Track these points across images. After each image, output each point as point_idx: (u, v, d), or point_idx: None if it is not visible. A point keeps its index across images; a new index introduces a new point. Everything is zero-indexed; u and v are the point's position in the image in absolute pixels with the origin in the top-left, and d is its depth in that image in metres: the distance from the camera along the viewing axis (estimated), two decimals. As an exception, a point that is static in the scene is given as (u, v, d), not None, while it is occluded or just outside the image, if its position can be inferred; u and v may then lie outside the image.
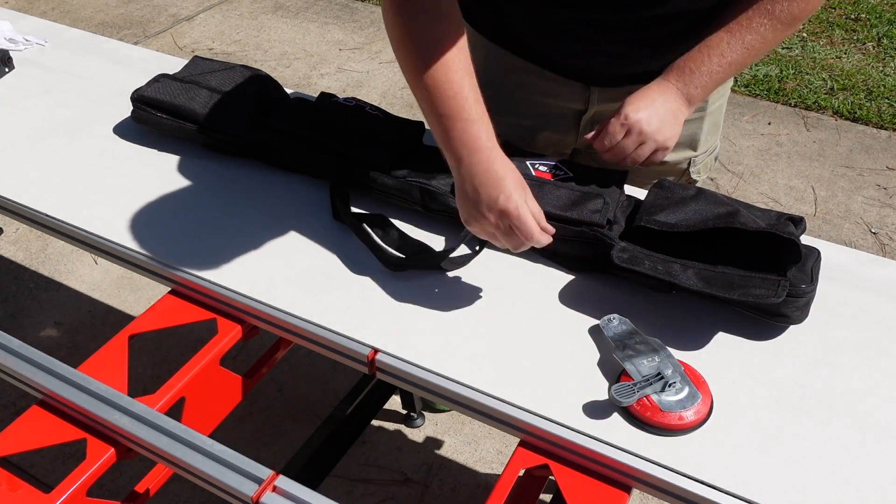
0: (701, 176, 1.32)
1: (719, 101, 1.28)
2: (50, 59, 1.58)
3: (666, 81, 1.04)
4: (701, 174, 1.32)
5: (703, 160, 1.31)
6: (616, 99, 1.18)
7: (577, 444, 0.84)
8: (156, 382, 0.97)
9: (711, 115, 1.27)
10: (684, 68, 1.03)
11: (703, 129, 1.26)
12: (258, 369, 1.13)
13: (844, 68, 3.27)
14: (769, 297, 0.89)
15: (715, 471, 0.80)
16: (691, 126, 1.24)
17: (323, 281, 1.04)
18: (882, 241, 2.46)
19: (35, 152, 1.31)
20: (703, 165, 1.32)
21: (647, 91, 1.05)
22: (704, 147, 1.29)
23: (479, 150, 0.92)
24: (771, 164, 2.81)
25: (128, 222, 1.15)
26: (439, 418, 1.94)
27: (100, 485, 0.92)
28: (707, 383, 0.88)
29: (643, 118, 1.02)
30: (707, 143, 1.30)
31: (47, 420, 0.96)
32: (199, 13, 3.94)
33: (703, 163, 1.32)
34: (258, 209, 1.17)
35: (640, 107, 1.03)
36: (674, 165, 1.27)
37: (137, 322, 1.04)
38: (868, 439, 0.83)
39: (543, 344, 0.95)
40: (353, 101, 1.25)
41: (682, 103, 1.04)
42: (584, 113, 1.23)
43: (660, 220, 0.98)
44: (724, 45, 1.02)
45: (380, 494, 1.78)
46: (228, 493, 0.87)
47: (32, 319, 2.26)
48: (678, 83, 1.04)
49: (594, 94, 1.20)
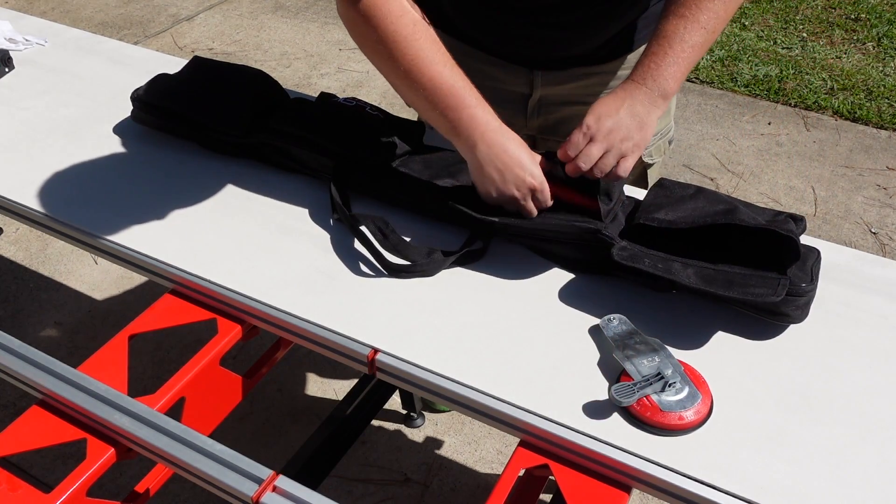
0: (654, 158, 1.35)
1: None
2: (50, 59, 1.58)
3: (632, 83, 1.02)
4: (654, 157, 1.34)
5: (655, 143, 1.33)
6: (560, 82, 1.24)
7: (577, 444, 0.84)
8: (156, 382, 0.97)
9: None
10: (648, 64, 1.01)
11: None
12: (258, 369, 1.13)
13: (844, 68, 3.27)
14: (769, 296, 0.89)
15: (715, 471, 0.80)
16: None
17: (323, 281, 1.04)
18: (882, 241, 2.46)
19: (35, 152, 1.31)
20: (656, 148, 1.34)
21: (611, 97, 1.02)
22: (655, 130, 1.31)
23: (489, 132, 1.01)
24: (771, 164, 2.81)
25: (128, 222, 1.15)
26: (439, 418, 1.94)
27: (100, 485, 0.92)
28: (707, 383, 0.88)
29: (605, 126, 0.99)
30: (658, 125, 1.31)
31: (47, 420, 0.96)
32: (199, 13, 3.94)
33: (655, 146, 1.34)
34: (258, 209, 1.17)
35: (601, 114, 1.00)
36: None
37: (137, 322, 1.04)
38: (868, 439, 0.83)
39: (543, 344, 0.95)
40: (353, 102, 1.25)
41: (651, 104, 1.01)
42: (530, 97, 1.25)
43: (659, 218, 0.99)
44: (682, 31, 1.00)
45: (380, 494, 1.78)
46: (228, 493, 0.87)
47: (32, 319, 2.26)
48: (645, 82, 1.01)
49: (537, 77, 1.23)
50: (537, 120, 1.30)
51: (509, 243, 1.08)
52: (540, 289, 1.02)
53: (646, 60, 1.01)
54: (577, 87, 1.25)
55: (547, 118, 1.30)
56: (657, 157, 1.35)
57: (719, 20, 1.01)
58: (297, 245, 1.10)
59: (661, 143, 1.35)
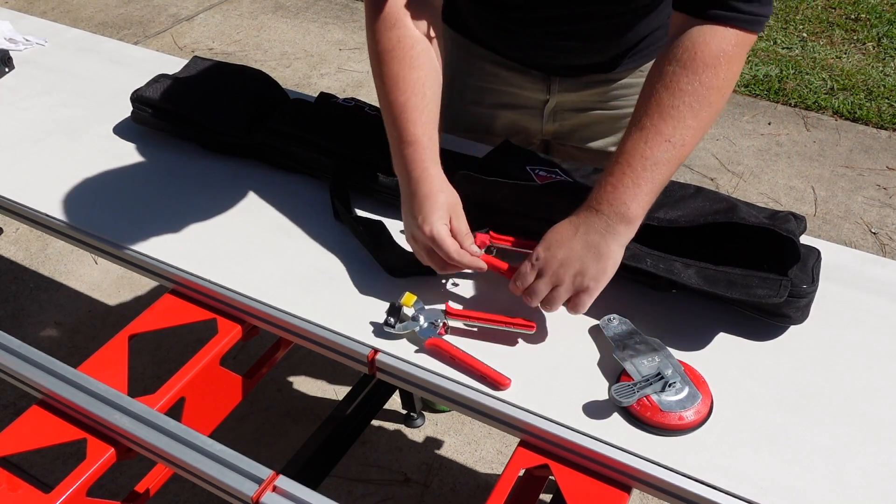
0: None
1: None
2: (50, 59, 1.58)
3: (587, 208, 0.89)
4: None
5: None
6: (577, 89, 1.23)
7: (577, 444, 0.84)
8: (156, 382, 0.97)
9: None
10: (605, 187, 0.88)
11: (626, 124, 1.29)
12: (258, 369, 1.13)
13: (844, 68, 3.27)
14: (771, 297, 0.89)
15: (715, 471, 0.80)
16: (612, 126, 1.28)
17: (323, 281, 1.04)
18: (882, 241, 2.46)
19: (35, 152, 1.31)
20: None
21: (566, 224, 0.91)
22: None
23: (412, 171, 0.94)
24: (771, 164, 2.81)
25: (128, 222, 1.15)
26: (439, 418, 1.94)
27: (100, 485, 0.92)
28: (707, 383, 0.88)
29: (556, 258, 0.89)
30: None
31: (47, 420, 0.96)
32: (199, 13, 3.94)
33: None
34: (258, 209, 1.17)
35: (552, 243, 0.90)
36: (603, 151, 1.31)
37: (137, 322, 1.04)
38: (868, 439, 0.83)
39: (543, 344, 0.95)
40: (353, 102, 1.25)
41: (608, 231, 0.87)
42: (547, 102, 1.26)
43: (659, 217, 0.98)
44: (643, 146, 0.87)
45: (380, 494, 1.78)
46: (228, 492, 0.87)
47: (32, 319, 2.26)
48: (601, 207, 0.88)
49: (555, 83, 1.23)
50: (553, 125, 1.30)
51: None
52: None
53: (602, 182, 0.89)
54: (593, 94, 1.25)
55: (563, 124, 1.30)
56: None
57: (688, 131, 0.87)
58: (297, 245, 1.10)
59: None
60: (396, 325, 0.94)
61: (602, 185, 0.89)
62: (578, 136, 1.31)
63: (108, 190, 1.21)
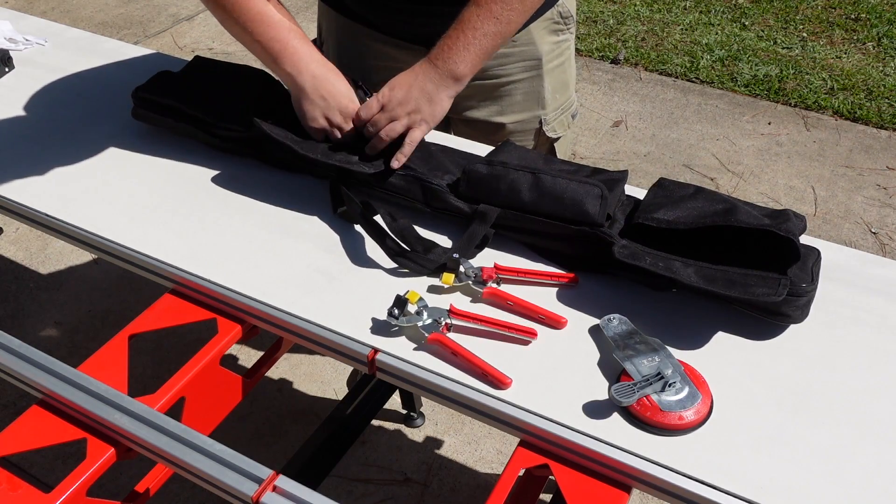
0: (557, 133, 1.39)
1: (557, 61, 1.34)
2: (50, 59, 1.58)
3: (426, 61, 1.10)
4: (557, 131, 1.39)
5: (557, 118, 1.38)
6: None
7: (577, 443, 0.84)
8: (156, 382, 0.97)
9: (550, 73, 1.33)
10: (442, 47, 1.08)
11: (546, 87, 1.33)
12: (258, 369, 1.13)
13: (844, 68, 3.28)
14: (770, 296, 0.89)
15: (715, 471, 0.80)
16: (531, 84, 1.32)
17: (323, 281, 1.04)
18: (882, 241, 2.46)
19: (35, 152, 1.31)
20: (558, 123, 1.38)
21: (407, 73, 1.10)
22: (554, 105, 1.36)
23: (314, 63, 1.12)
24: (771, 164, 2.81)
25: (128, 222, 1.15)
26: (439, 418, 1.94)
27: (100, 485, 0.92)
28: (707, 383, 0.88)
29: (396, 97, 1.09)
30: (557, 101, 1.37)
31: (47, 420, 0.96)
32: (199, 13, 3.94)
33: (558, 120, 1.38)
34: (258, 209, 1.17)
35: (394, 86, 1.10)
36: (524, 124, 1.35)
37: (137, 322, 1.04)
38: (868, 439, 0.83)
39: (543, 344, 0.95)
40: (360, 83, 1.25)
41: (441, 82, 1.08)
42: None
43: (658, 217, 0.99)
44: (475, 19, 1.06)
45: (380, 494, 1.78)
46: (228, 492, 0.87)
47: (32, 319, 2.26)
48: (437, 62, 1.08)
49: None
50: None
51: (508, 241, 1.08)
52: (540, 289, 1.02)
53: (441, 43, 1.09)
54: None
55: None
56: (561, 131, 1.40)
57: (514, 12, 1.07)
58: (297, 245, 1.10)
59: (564, 118, 1.40)
60: (400, 317, 0.94)
61: (440, 46, 1.09)
62: (464, 105, 1.34)
63: (107, 190, 1.21)
